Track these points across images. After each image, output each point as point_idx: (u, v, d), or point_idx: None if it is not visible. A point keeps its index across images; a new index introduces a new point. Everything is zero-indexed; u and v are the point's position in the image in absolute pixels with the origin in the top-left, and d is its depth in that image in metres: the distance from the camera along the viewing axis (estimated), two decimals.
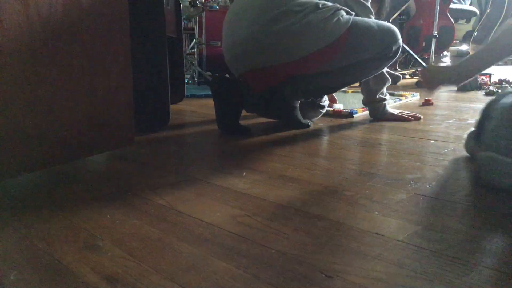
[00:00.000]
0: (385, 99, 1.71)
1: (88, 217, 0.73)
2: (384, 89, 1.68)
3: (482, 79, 3.05)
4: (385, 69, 1.59)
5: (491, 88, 2.75)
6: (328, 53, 1.37)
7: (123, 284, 0.52)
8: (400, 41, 1.50)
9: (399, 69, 3.88)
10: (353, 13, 1.43)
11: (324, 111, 1.72)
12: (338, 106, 1.98)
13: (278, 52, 1.37)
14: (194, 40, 3.55)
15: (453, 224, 0.70)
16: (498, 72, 3.82)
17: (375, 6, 1.59)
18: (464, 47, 4.47)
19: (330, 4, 1.38)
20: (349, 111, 1.85)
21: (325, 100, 1.71)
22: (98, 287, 0.51)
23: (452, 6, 4.23)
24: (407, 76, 4.22)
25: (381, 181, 0.93)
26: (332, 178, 0.95)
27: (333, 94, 2.05)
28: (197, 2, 3.15)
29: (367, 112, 1.83)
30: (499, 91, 2.47)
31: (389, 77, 1.67)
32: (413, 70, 4.07)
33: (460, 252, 0.60)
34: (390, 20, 1.66)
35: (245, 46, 1.41)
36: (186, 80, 2.99)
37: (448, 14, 4.10)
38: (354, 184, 0.91)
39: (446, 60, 4.36)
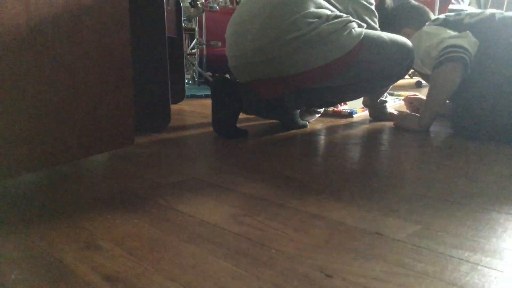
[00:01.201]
0: (386, 101, 1.72)
1: (88, 217, 0.73)
2: (385, 93, 1.69)
3: None
4: None
5: None
6: (339, 66, 1.33)
7: (123, 284, 0.52)
8: (414, 56, 1.45)
9: None
10: (365, 25, 1.40)
11: (319, 114, 1.74)
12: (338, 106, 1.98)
13: (287, 64, 1.33)
14: (195, 41, 3.56)
15: (452, 224, 0.70)
16: None
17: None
18: None
19: (343, 15, 1.35)
20: (349, 111, 1.85)
21: None
22: (99, 286, 0.51)
23: (451, 6, 4.23)
24: (407, 76, 4.22)
25: (381, 181, 0.93)
26: (332, 178, 0.95)
27: None
28: (198, 2, 3.15)
29: (367, 112, 1.83)
30: None
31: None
32: (413, 70, 4.06)
33: (460, 252, 0.60)
34: None
35: (253, 57, 1.35)
36: (186, 80, 2.99)
37: None
38: (354, 184, 0.91)
39: None
